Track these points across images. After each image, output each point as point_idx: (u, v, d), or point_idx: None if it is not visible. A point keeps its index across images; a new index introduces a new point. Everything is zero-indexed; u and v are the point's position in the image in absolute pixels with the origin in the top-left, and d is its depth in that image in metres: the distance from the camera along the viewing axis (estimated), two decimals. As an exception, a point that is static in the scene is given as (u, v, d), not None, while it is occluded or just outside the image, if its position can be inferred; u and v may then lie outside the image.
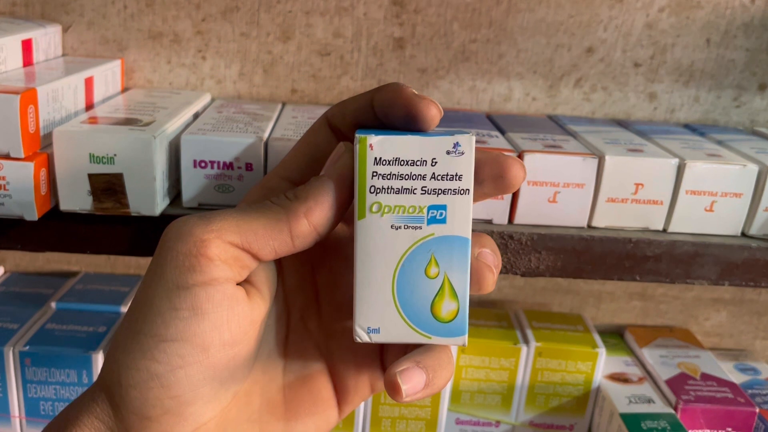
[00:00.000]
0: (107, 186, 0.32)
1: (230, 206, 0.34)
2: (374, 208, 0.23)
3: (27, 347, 0.42)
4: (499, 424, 0.48)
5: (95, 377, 0.42)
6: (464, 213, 0.23)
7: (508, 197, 0.36)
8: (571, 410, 0.48)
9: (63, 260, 0.52)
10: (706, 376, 0.48)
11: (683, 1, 0.46)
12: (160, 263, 0.22)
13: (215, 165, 0.34)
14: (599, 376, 0.48)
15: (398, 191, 0.23)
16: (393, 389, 0.23)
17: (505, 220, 0.36)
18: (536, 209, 0.36)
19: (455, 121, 0.42)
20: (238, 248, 0.23)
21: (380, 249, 0.23)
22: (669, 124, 0.47)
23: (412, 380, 0.23)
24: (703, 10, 0.46)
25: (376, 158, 0.23)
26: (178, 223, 0.23)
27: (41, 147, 0.33)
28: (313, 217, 0.23)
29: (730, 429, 0.45)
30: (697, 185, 0.36)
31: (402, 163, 0.23)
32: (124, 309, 0.47)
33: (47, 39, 0.42)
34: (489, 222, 0.36)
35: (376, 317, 0.24)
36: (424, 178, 0.23)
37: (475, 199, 0.24)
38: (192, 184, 0.34)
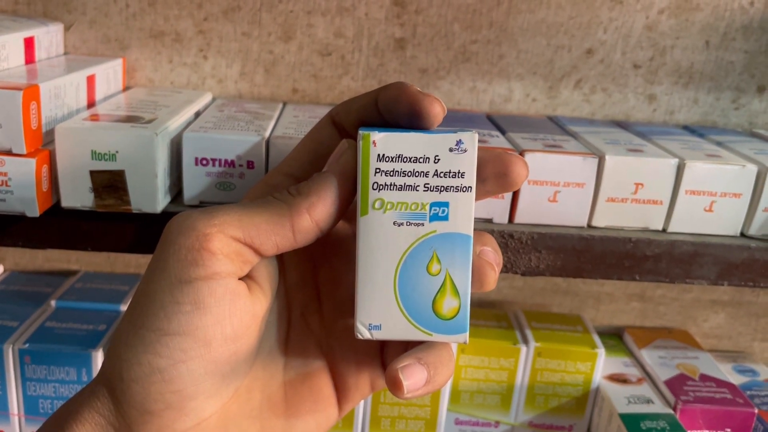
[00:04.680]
0: (109, 183, 0.32)
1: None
2: (377, 205, 0.23)
3: (27, 345, 0.42)
4: (499, 425, 0.48)
5: (95, 375, 0.42)
6: (466, 210, 0.23)
7: (508, 196, 0.36)
8: (570, 410, 0.48)
9: (63, 259, 0.52)
10: (705, 377, 0.48)
11: (682, 3, 0.46)
12: (163, 257, 0.22)
13: (217, 163, 0.34)
14: (598, 377, 0.48)
15: (401, 188, 0.23)
16: (394, 385, 0.23)
17: (506, 219, 0.36)
18: (536, 208, 0.36)
19: (456, 121, 0.42)
20: (240, 243, 0.23)
21: (382, 245, 0.23)
22: (668, 126, 0.47)
23: (413, 376, 0.23)
24: (702, 12, 0.46)
25: (379, 155, 0.23)
26: (181, 218, 0.23)
27: (43, 143, 0.33)
28: (315, 213, 0.23)
29: (729, 430, 0.45)
30: (696, 185, 0.36)
31: (405, 160, 0.23)
32: (124, 308, 0.47)
33: (49, 37, 0.42)
34: (489, 221, 0.36)
35: (378, 314, 0.24)
36: (426, 175, 0.23)
37: (477, 197, 0.24)
38: (193, 181, 0.34)
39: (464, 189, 0.23)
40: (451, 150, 0.23)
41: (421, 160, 0.23)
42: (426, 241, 0.23)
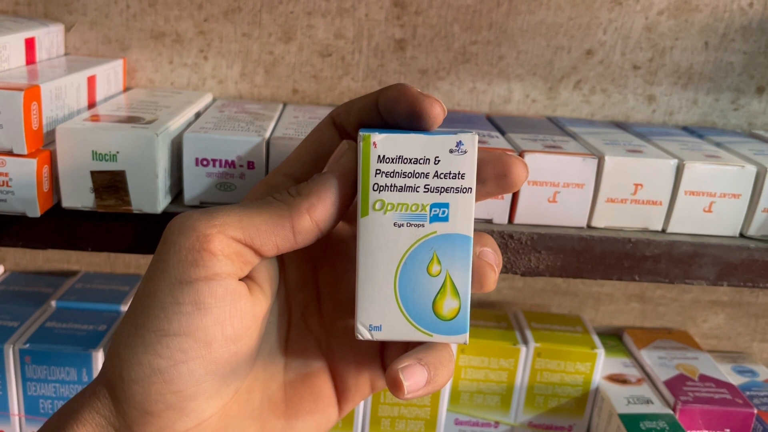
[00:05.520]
0: (110, 183, 0.32)
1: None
2: (377, 206, 0.23)
3: (27, 345, 0.42)
4: (498, 425, 0.48)
5: (95, 375, 0.42)
6: (467, 211, 0.23)
7: (508, 197, 0.36)
8: (570, 411, 0.48)
9: (63, 259, 0.52)
10: (704, 378, 0.48)
11: (682, 4, 0.46)
12: (163, 258, 0.22)
13: (217, 163, 0.34)
14: (598, 377, 0.48)
15: (401, 189, 0.23)
16: (395, 386, 0.23)
17: (505, 220, 0.37)
18: (536, 209, 0.36)
19: (455, 122, 0.43)
20: (241, 243, 0.23)
21: (383, 246, 0.23)
22: (667, 127, 0.48)
23: (413, 377, 0.23)
24: (701, 13, 0.46)
25: (379, 156, 0.23)
26: (181, 218, 0.23)
27: (44, 144, 0.33)
28: (316, 213, 0.23)
29: (728, 430, 0.45)
30: (695, 186, 0.36)
31: (405, 161, 0.23)
32: (124, 308, 0.47)
33: (50, 38, 0.42)
34: (489, 221, 0.36)
35: (378, 314, 0.24)
36: (427, 176, 0.23)
37: (477, 198, 0.24)
38: (194, 182, 0.34)
39: (464, 190, 0.23)
40: (451, 151, 0.23)
41: (422, 161, 0.23)
42: (426, 242, 0.23)
